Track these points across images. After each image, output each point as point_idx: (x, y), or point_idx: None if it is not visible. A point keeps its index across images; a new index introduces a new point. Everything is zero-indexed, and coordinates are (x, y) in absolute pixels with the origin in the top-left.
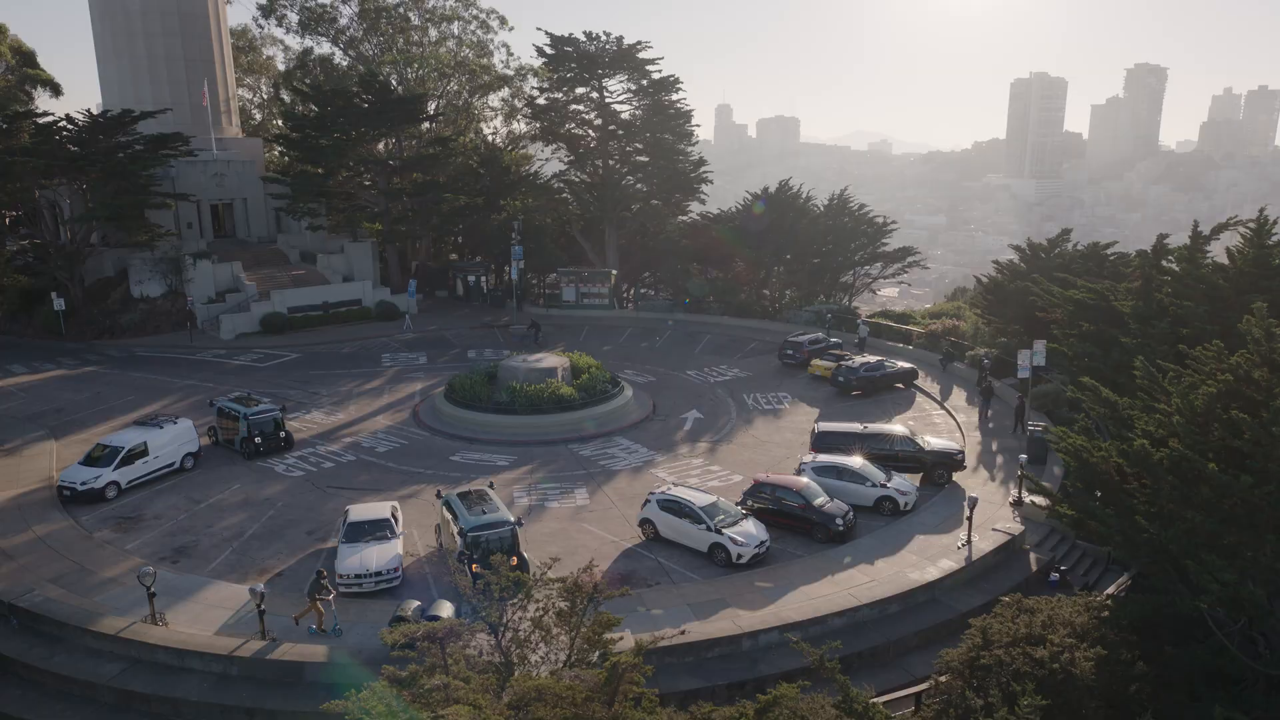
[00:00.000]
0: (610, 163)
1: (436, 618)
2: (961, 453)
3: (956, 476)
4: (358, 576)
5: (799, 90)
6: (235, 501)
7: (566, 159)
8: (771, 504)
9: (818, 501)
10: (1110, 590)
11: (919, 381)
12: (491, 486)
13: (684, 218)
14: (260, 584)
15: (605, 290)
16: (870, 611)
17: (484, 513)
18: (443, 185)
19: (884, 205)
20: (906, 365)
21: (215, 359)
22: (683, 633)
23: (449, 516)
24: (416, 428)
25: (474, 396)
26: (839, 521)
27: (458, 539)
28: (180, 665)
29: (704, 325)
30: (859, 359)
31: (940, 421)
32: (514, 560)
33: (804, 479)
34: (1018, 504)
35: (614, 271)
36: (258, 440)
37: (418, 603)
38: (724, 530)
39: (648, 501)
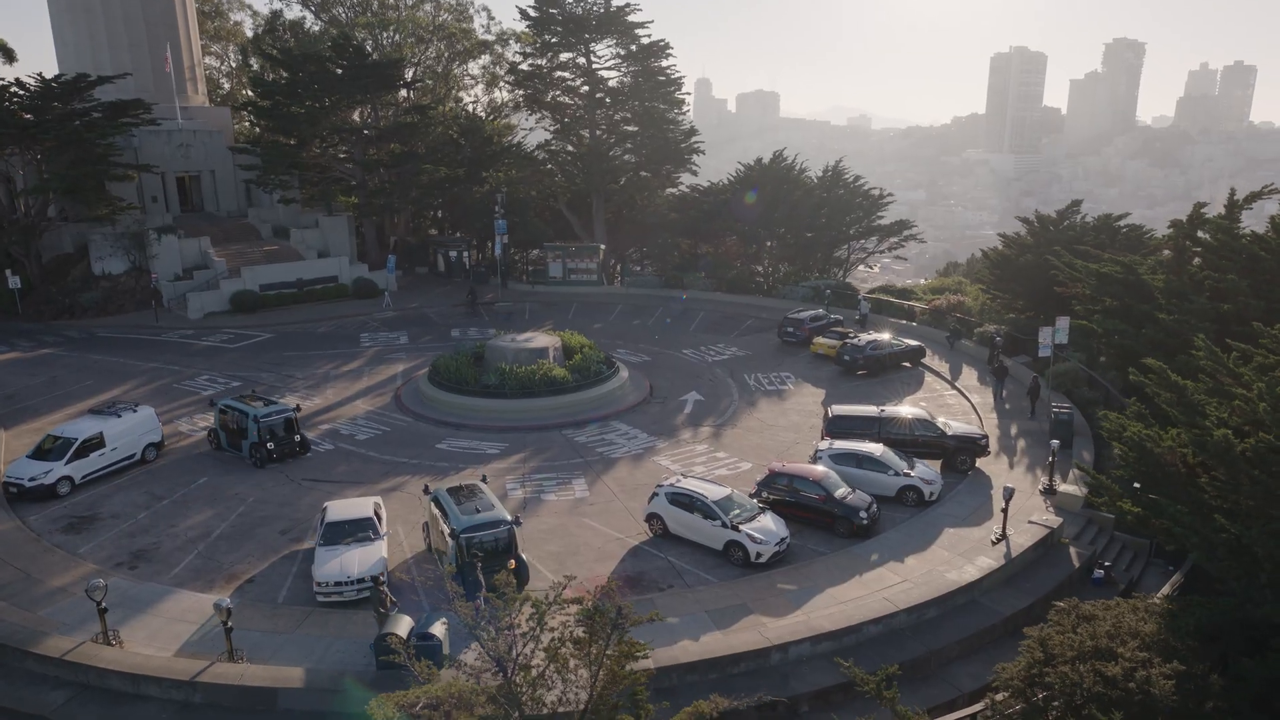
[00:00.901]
0: (598, 132)
1: (431, 637)
2: (985, 437)
3: (979, 462)
4: (338, 584)
5: (778, 65)
6: (201, 497)
7: (551, 128)
8: (788, 496)
9: (839, 493)
10: (1165, 590)
11: (927, 360)
12: (484, 480)
13: (673, 190)
14: (226, 598)
15: (594, 266)
16: (907, 618)
17: (477, 511)
18: (422, 156)
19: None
20: (914, 343)
21: (182, 340)
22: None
23: (437, 513)
24: (399, 413)
25: (460, 379)
26: (863, 515)
27: (448, 540)
28: (135, 692)
29: (696, 302)
30: (865, 337)
31: (953, 402)
32: (512, 563)
33: (822, 468)
34: (1049, 492)
35: (602, 246)
36: (270, 446)
37: (409, 620)
38: (741, 526)
39: (655, 494)
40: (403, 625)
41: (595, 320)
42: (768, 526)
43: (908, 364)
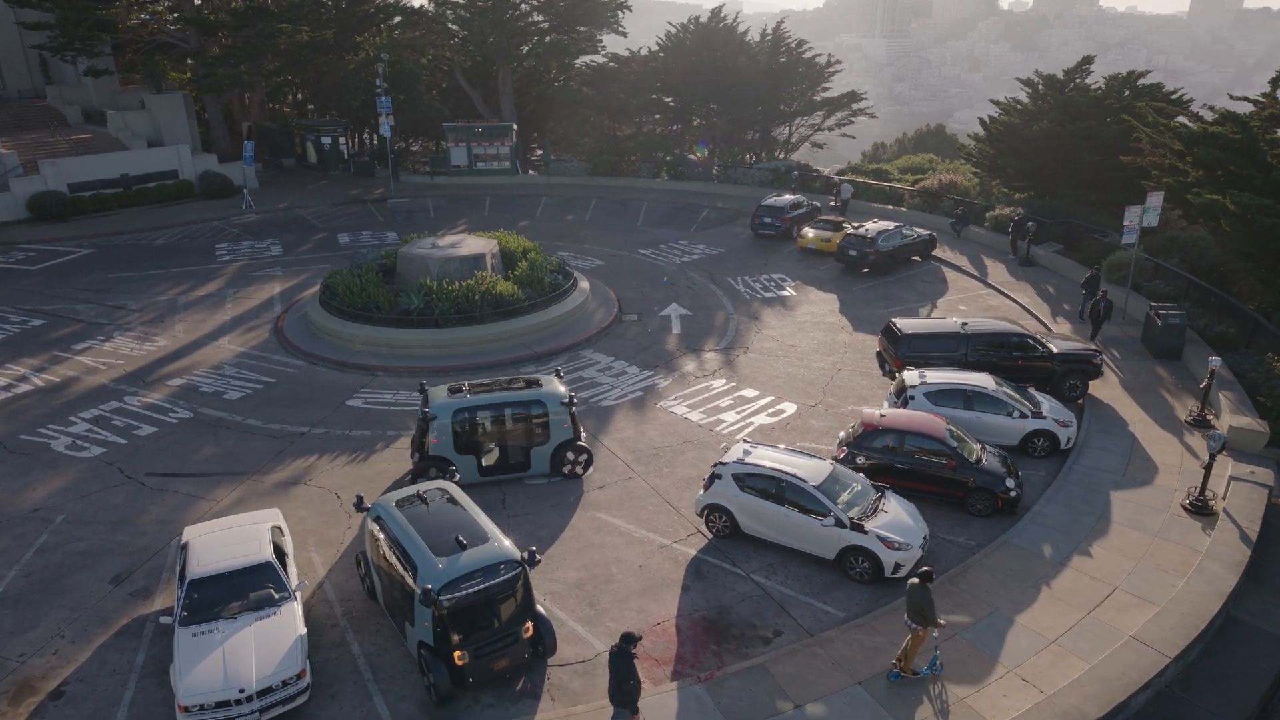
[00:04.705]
0: None
1: None
2: (1098, 354)
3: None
4: (221, 705)
5: None
6: None
7: None
8: (899, 460)
9: (973, 454)
10: None
11: (937, 252)
12: (454, 477)
13: (591, 59)
14: None
15: (506, 150)
16: (1174, 668)
17: (460, 545)
18: (274, 14)
19: None
20: (925, 232)
21: None
22: None
23: (385, 547)
24: (283, 353)
25: (368, 302)
26: (1010, 483)
27: (417, 603)
28: None
29: (636, 191)
30: (872, 226)
31: (996, 304)
32: (528, 629)
33: (940, 420)
34: (1198, 424)
35: (514, 126)
36: (584, 457)
37: None
38: (866, 524)
39: (716, 476)
40: None
41: (519, 217)
42: (901, 520)
43: (917, 258)
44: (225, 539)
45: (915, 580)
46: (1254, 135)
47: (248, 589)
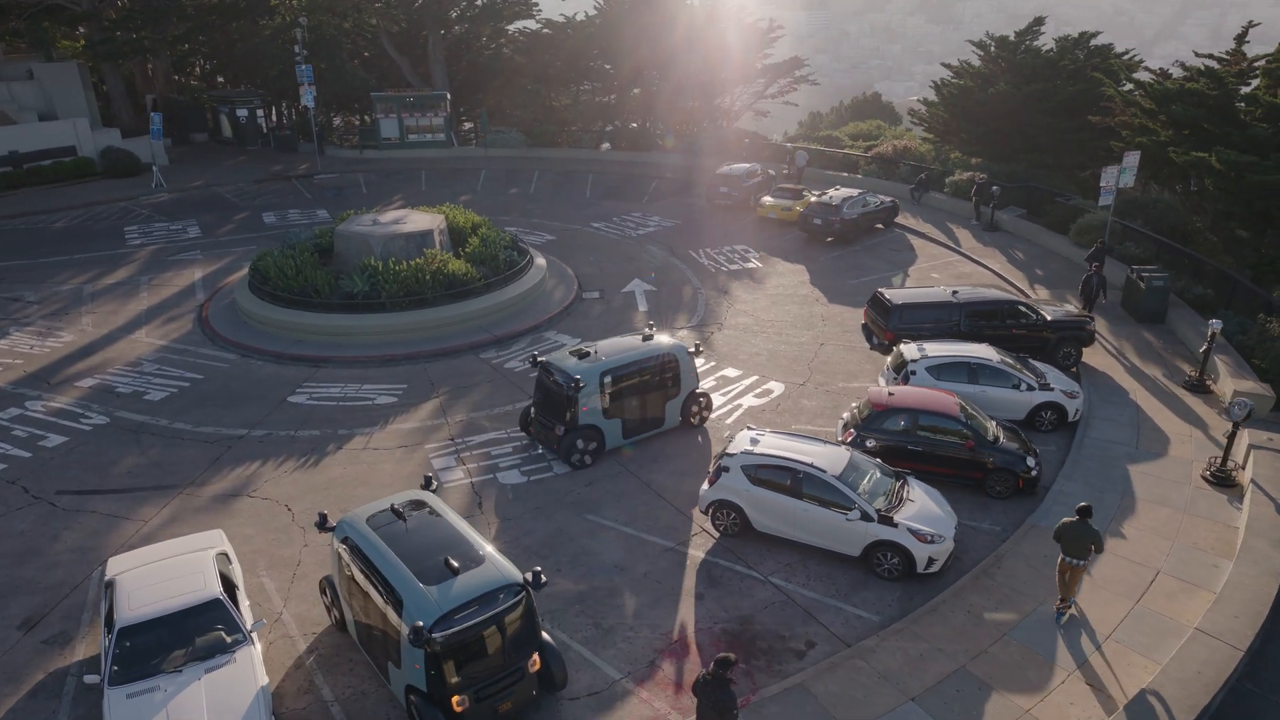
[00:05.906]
0: None
1: None
2: (1091, 320)
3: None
4: None
5: None
6: None
7: None
8: (911, 442)
9: (989, 432)
10: None
11: (899, 219)
12: (433, 485)
13: (524, 24)
14: None
15: (440, 121)
16: (1244, 660)
17: (450, 569)
18: None
19: None
20: (887, 199)
21: None
22: None
23: (355, 569)
24: (211, 345)
25: (306, 286)
26: (1031, 462)
27: (403, 639)
28: None
29: (579, 162)
30: (836, 194)
31: (969, 271)
32: (534, 661)
33: (954, 397)
34: (1196, 388)
35: (448, 95)
36: (704, 400)
37: None
38: (894, 516)
39: (723, 468)
40: None
41: (459, 191)
42: (930, 510)
43: (881, 225)
44: (160, 572)
45: (1073, 519)
46: (1229, 92)
47: (193, 634)
